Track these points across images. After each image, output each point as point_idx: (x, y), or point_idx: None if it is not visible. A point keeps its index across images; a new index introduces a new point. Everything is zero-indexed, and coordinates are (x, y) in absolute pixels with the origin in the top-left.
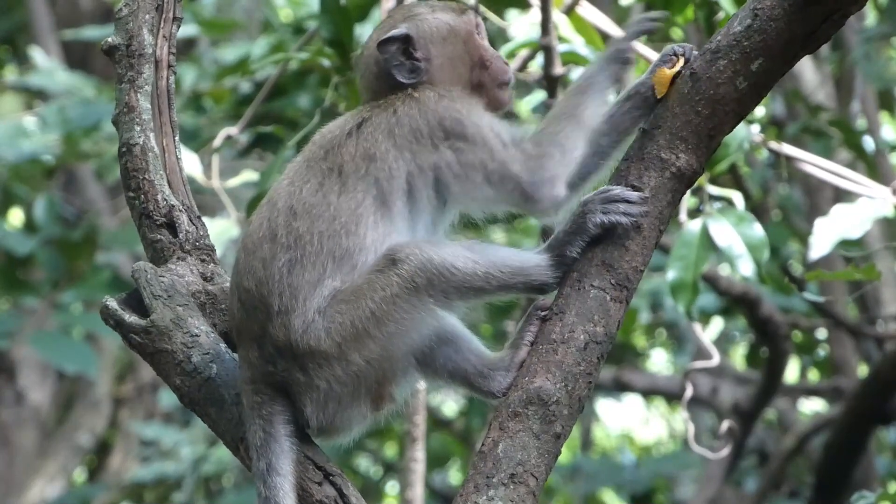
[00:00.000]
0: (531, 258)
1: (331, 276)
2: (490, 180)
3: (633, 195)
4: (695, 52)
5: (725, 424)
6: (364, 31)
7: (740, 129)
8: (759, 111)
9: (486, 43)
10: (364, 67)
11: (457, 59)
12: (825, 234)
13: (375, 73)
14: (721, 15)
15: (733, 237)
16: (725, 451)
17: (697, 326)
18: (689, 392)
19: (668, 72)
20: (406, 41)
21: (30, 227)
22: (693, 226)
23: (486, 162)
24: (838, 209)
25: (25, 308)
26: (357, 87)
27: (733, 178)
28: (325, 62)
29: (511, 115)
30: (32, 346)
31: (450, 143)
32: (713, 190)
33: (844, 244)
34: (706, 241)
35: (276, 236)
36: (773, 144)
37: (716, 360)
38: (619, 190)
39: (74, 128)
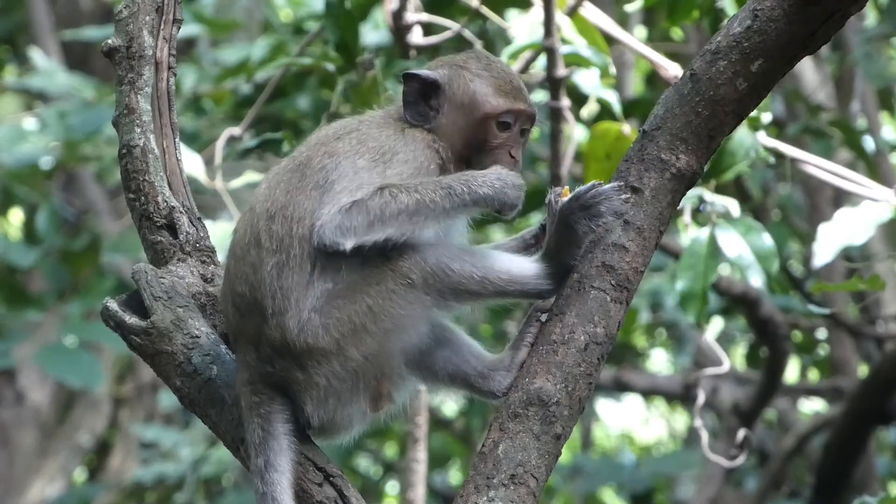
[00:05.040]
0: (529, 267)
1: (319, 276)
2: (339, 185)
3: (608, 188)
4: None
5: (742, 433)
6: (364, 31)
7: (747, 138)
8: (766, 118)
9: (512, 142)
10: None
11: (461, 128)
12: (829, 241)
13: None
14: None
15: (742, 247)
16: (741, 460)
17: (707, 333)
18: (700, 400)
19: None
20: (431, 87)
21: (30, 235)
22: (701, 235)
23: (365, 178)
24: (841, 214)
25: (29, 320)
26: (361, 89)
27: (734, 179)
28: (330, 66)
29: None
30: (37, 362)
31: (385, 165)
32: (709, 196)
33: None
34: (714, 250)
35: (259, 241)
36: (776, 145)
37: (726, 366)
38: (594, 191)
39: (75, 133)
